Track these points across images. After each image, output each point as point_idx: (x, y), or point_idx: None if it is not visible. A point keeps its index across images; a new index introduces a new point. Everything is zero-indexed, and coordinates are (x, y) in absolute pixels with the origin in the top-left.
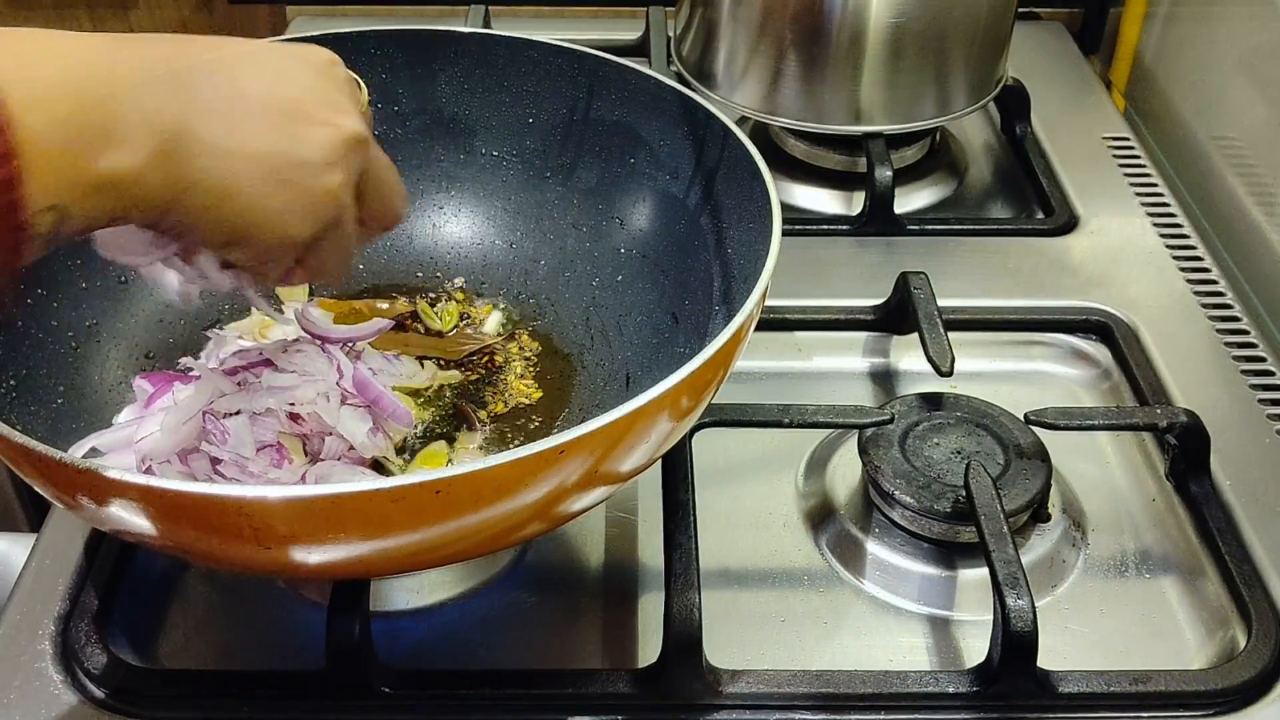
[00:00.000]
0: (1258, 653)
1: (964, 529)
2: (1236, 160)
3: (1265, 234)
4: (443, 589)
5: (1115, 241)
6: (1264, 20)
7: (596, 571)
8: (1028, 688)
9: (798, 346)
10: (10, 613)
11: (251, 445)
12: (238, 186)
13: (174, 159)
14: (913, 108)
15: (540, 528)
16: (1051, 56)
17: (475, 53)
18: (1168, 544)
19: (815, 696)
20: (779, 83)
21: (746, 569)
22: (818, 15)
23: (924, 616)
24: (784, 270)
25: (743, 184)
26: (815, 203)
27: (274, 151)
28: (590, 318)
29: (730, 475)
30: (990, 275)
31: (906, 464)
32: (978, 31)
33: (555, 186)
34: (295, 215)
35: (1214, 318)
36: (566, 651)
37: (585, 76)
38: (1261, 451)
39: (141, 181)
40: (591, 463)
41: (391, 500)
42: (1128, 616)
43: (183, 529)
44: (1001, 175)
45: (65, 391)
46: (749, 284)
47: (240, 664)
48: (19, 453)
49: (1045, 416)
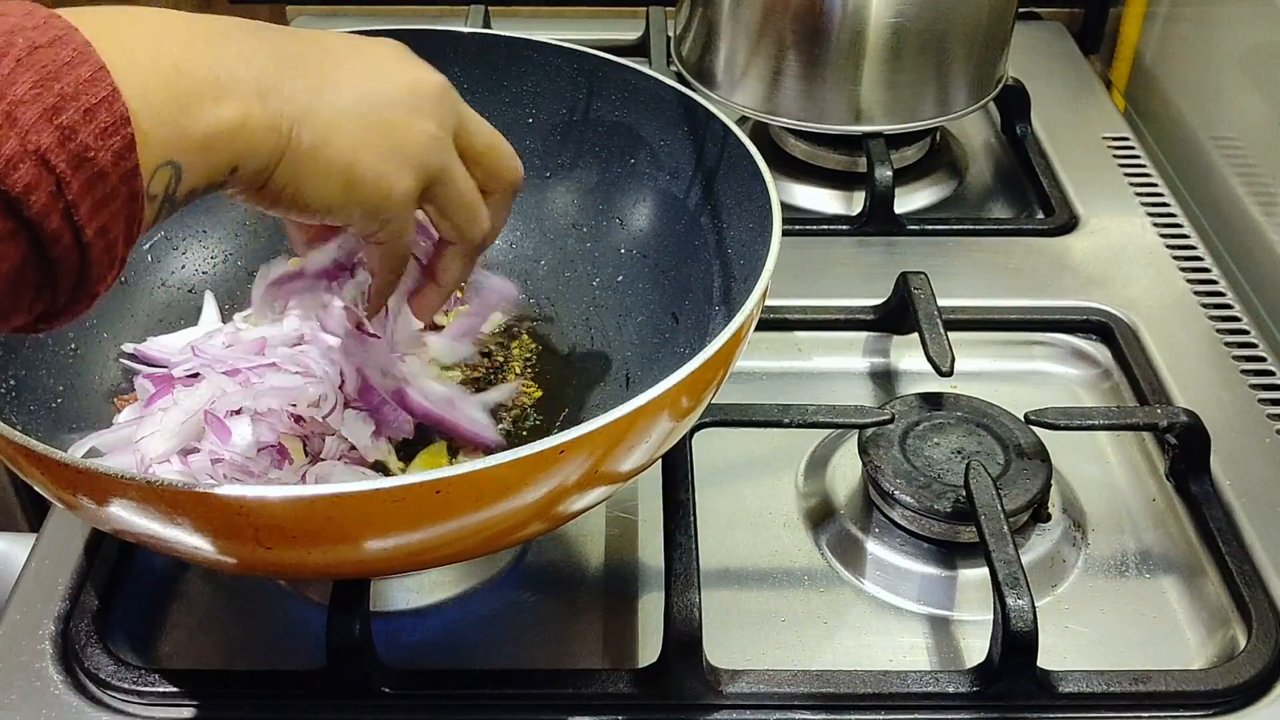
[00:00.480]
0: (1258, 653)
1: (964, 529)
2: (1236, 160)
3: (1265, 234)
4: (443, 589)
5: (1115, 241)
6: (1264, 20)
7: (596, 571)
8: (1028, 688)
9: (798, 346)
10: (10, 613)
11: (253, 445)
12: (339, 127)
13: (275, 99)
14: (913, 107)
15: (540, 528)
16: (1051, 56)
17: (475, 53)
18: (1168, 544)
19: (815, 696)
20: (779, 82)
21: (746, 569)
22: (818, 15)
23: (924, 616)
24: (784, 270)
25: (743, 184)
26: (815, 203)
27: (368, 92)
28: (590, 318)
29: (730, 475)
30: (990, 275)
31: (906, 464)
32: (978, 31)
33: (555, 186)
34: (396, 162)
35: (1214, 318)
36: (566, 651)
37: (585, 76)
38: (1261, 451)
39: (249, 126)
40: (591, 463)
41: (391, 500)
42: (1128, 616)
43: (183, 529)
44: (1001, 175)
45: (65, 391)
46: (749, 284)
47: (240, 664)
48: (19, 453)
49: (1045, 416)
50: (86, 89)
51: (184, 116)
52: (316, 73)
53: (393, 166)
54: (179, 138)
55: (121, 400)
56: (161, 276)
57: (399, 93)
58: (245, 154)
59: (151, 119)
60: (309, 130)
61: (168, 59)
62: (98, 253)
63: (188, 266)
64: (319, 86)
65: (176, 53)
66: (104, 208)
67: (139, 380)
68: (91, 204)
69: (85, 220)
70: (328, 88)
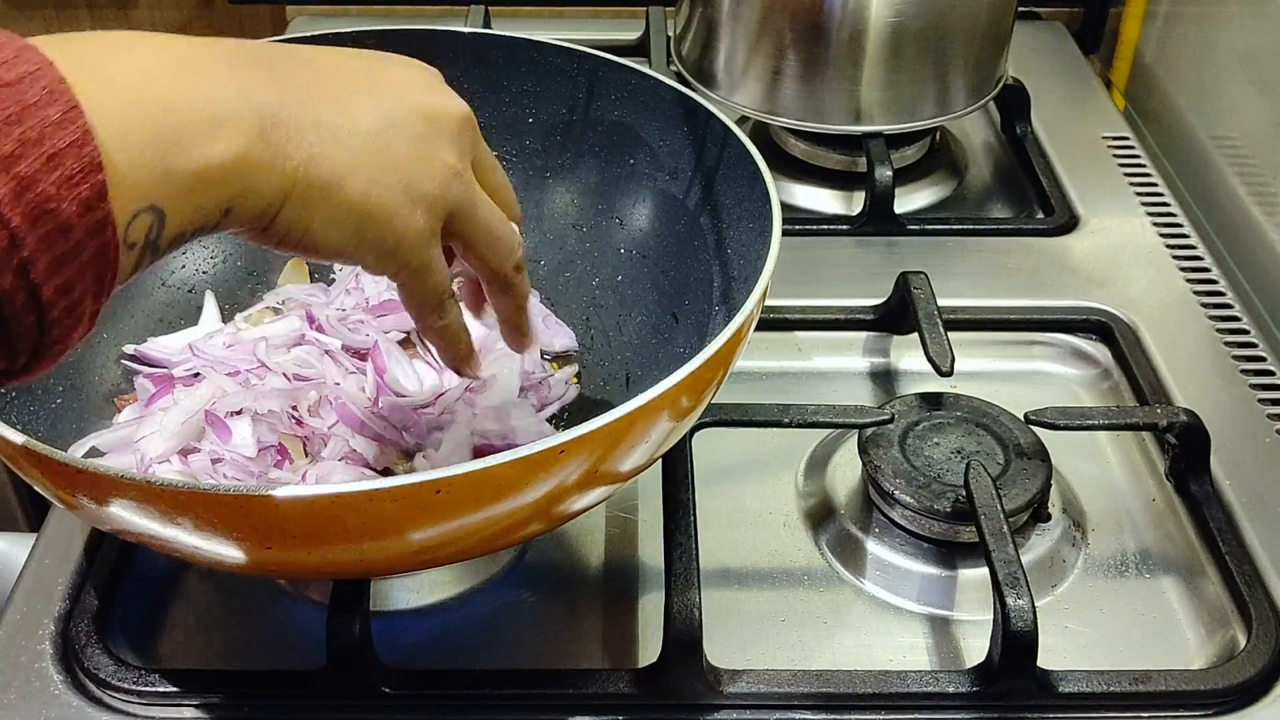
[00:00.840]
0: (1258, 653)
1: (964, 529)
2: (1236, 160)
3: (1265, 234)
4: (443, 589)
5: (1115, 241)
6: (1264, 20)
7: (596, 571)
8: (1028, 687)
9: (798, 346)
10: (10, 613)
11: (253, 445)
12: (352, 164)
13: (280, 134)
14: (913, 107)
15: (540, 527)
16: (1051, 56)
17: (475, 53)
18: (1168, 544)
19: (815, 696)
20: (779, 82)
21: (746, 569)
22: (818, 14)
23: (924, 616)
24: (784, 270)
25: (743, 184)
26: (815, 202)
27: (386, 123)
28: (590, 318)
29: (730, 475)
30: (990, 275)
31: (906, 464)
32: (978, 31)
33: (555, 186)
34: (412, 198)
35: (1214, 318)
36: (566, 651)
37: (585, 76)
38: (1261, 451)
39: (248, 164)
40: (591, 463)
41: (391, 500)
42: (1128, 616)
43: (183, 529)
44: (1001, 175)
45: (65, 391)
46: (749, 284)
47: (240, 664)
48: (19, 453)
49: (1045, 416)
50: (53, 133)
51: (170, 156)
52: (329, 104)
53: (409, 203)
54: (162, 179)
55: (121, 400)
56: (161, 276)
57: (418, 123)
58: (242, 194)
59: (131, 161)
60: (319, 168)
61: (156, 93)
62: (58, 312)
63: (188, 266)
64: (331, 120)
65: (166, 85)
66: (67, 264)
67: (139, 380)
68: (51, 260)
69: (43, 278)
70: (341, 120)
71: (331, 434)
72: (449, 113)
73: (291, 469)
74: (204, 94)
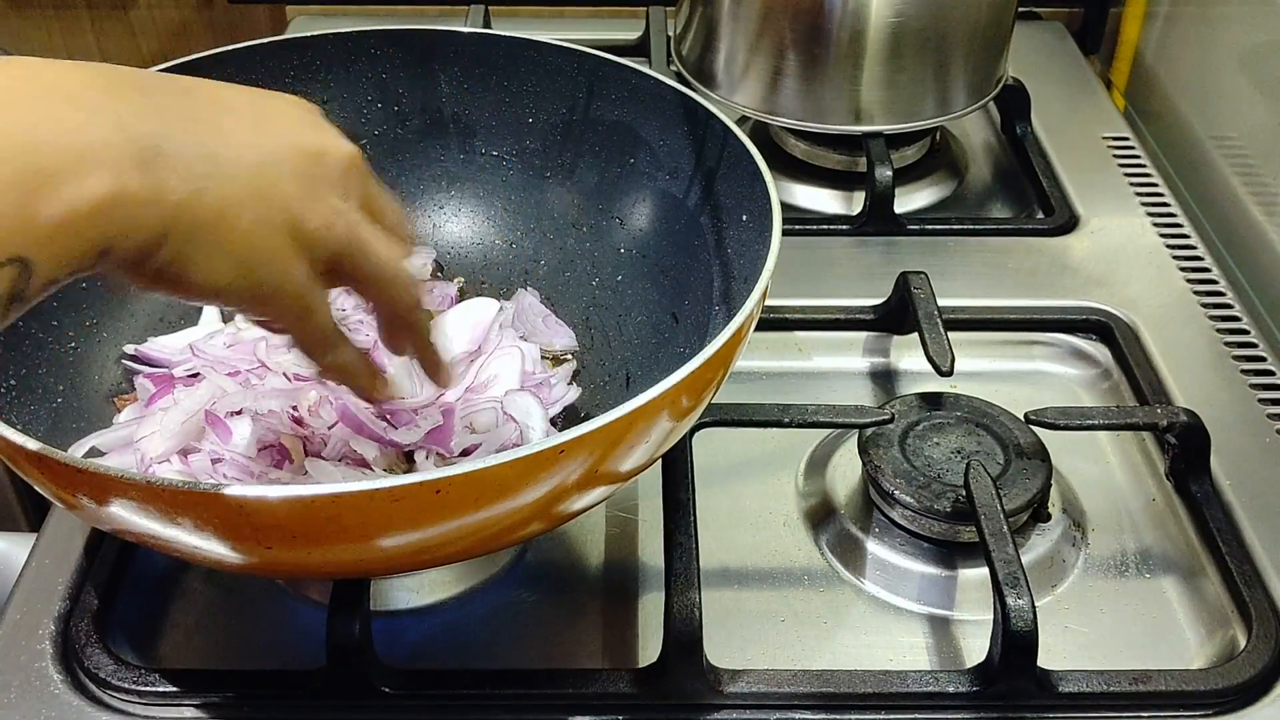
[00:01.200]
0: (1258, 653)
1: (964, 528)
2: (1236, 160)
3: (1265, 234)
4: (443, 589)
5: (1115, 241)
6: (1264, 20)
7: (596, 571)
8: (1028, 687)
9: (798, 346)
10: (10, 613)
11: (253, 445)
12: (239, 200)
13: (163, 165)
14: (913, 107)
15: (540, 527)
16: (1051, 56)
17: (475, 53)
18: (1168, 544)
19: (815, 696)
20: (779, 82)
21: (746, 569)
22: (818, 14)
23: (924, 616)
24: (784, 270)
25: (743, 184)
26: (815, 202)
27: (270, 159)
28: (590, 318)
29: (730, 475)
30: (990, 275)
31: (906, 464)
32: (978, 31)
33: (555, 186)
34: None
35: (1214, 318)
36: (566, 651)
37: (585, 76)
38: (1261, 451)
39: (125, 200)
40: (591, 462)
41: (391, 500)
42: (1127, 616)
43: (183, 529)
44: (1001, 175)
45: (65, 391)
46: (749, 284)
47: (240, 664)
48: (19, 453)
49: (1045, 416)
50: None
51: (35, 200)
52: (213, 134)
53: (290, 245)
54: (26, 228)
55: (121, 400)
56: None
57: (302, 161)
58: (119, 233)
59: None
60: (204, 202)
61: (20, 129)
62: None
63: None
64: (218, 151)
65: (33, 120)
66: None
67: (139, 380)
68: None
69: None
70: (229, 151)
71: (331, 434)
72: (334, 152)
73: (291, 469)
74: (75, 125)
